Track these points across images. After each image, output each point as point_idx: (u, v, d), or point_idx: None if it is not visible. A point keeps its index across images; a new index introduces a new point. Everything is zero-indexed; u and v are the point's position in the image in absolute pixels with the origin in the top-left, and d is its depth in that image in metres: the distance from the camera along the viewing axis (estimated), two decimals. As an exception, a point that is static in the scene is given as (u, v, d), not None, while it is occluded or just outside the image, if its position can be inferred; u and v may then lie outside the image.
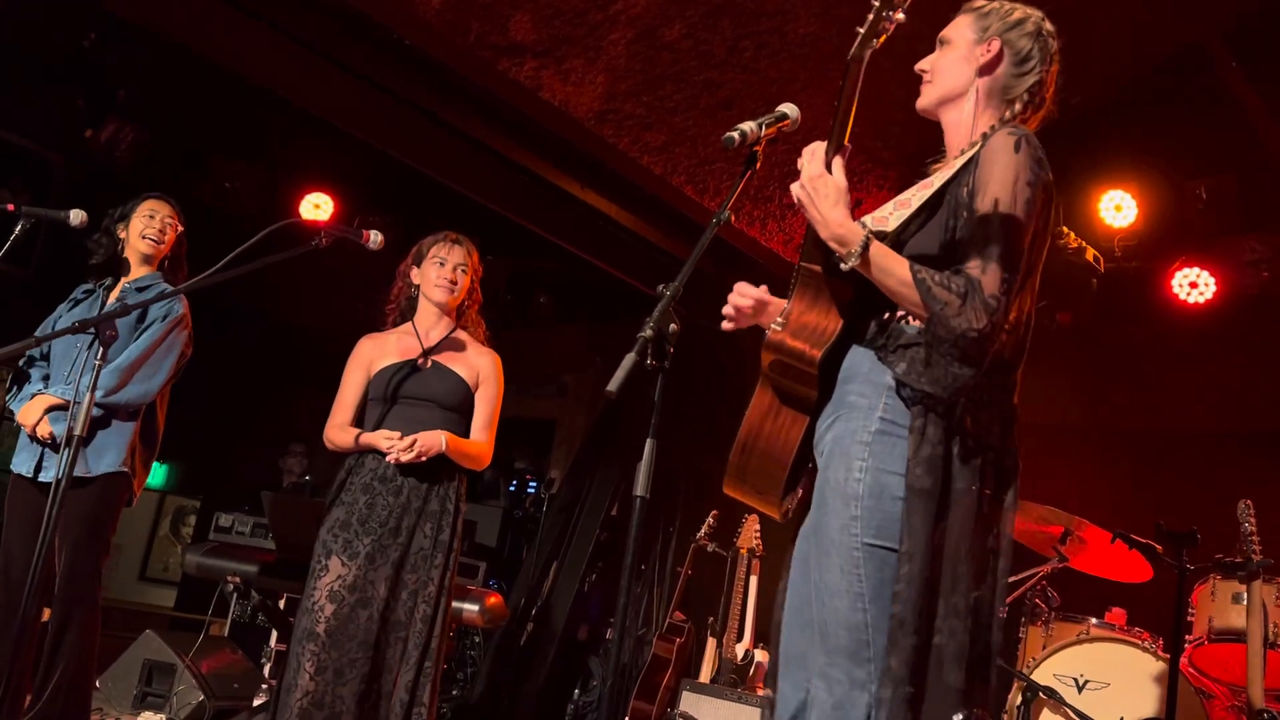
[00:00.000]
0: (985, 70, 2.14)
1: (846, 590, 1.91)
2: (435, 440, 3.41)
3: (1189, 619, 4.20)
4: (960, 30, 2.18)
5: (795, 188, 2.00)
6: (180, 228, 3.82)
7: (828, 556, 1.95)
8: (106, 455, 3.50)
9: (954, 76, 2.16)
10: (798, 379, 2.09)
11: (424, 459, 3.38)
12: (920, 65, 2.20)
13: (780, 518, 2.23)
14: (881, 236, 2.04)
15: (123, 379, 3.51)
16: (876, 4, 1.88)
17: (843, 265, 1.95)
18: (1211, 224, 5.48)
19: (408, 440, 3.37)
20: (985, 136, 2.06)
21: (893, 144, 5.37)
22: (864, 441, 1.96)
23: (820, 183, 1.98)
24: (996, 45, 2.14)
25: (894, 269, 1.95)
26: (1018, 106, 2.15)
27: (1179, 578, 3.50)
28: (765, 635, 4.67)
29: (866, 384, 2.02)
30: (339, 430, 3.53)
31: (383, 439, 3.39)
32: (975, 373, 1.90)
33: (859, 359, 2.07)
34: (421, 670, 3.32)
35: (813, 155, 2.01)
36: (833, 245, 1.97)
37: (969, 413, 1.94)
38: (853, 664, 1.89)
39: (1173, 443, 5.66)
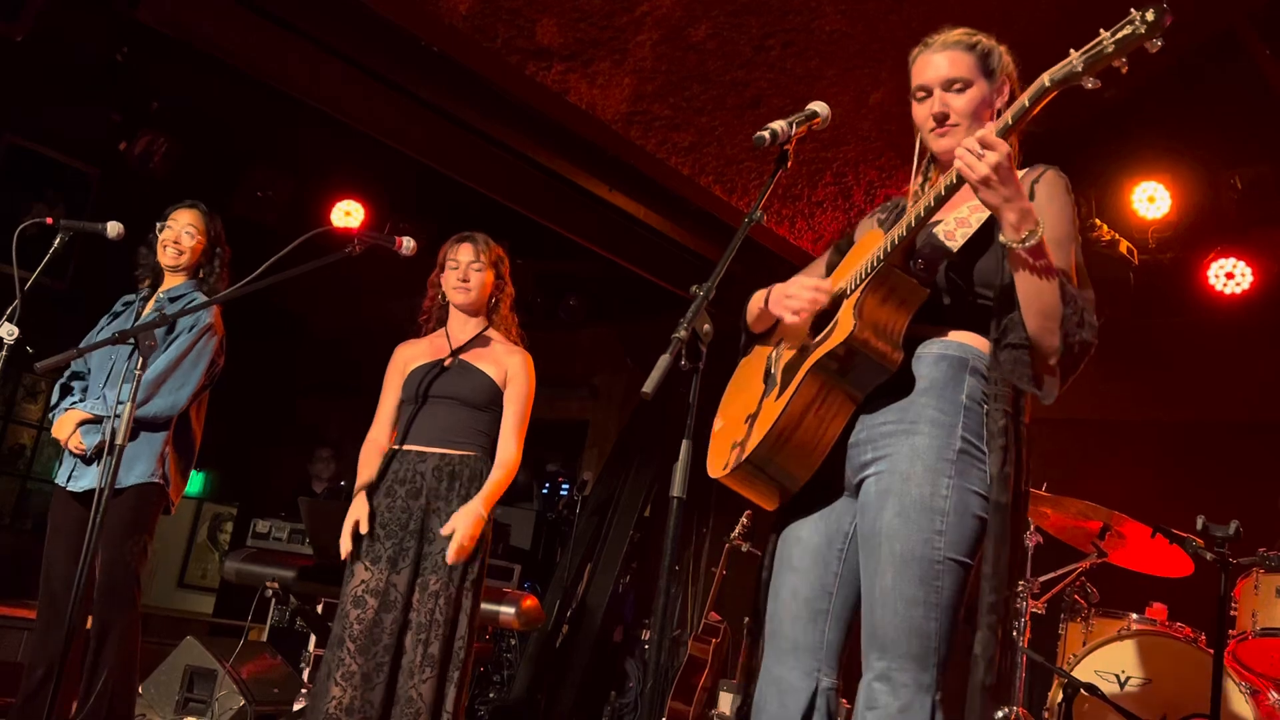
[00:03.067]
0: (1003, 108, 2.17)
1: (924, 600, 1.98)
2: (472, 521, 3.34)
3: (1231, 613, 4.14)
4: (970, 71, 2.19)
5: (983, 166, 1.90)
6: (203, 238, 3.75)
7: (906, 567, 1.99)
8: (136, 466, 3.51)
9: (982, 118, 2.17)
10: (866, 378, 2.09)
11: (474, 539, 3.34)
12: (942, 110, 2.17)
13: (774, 508, 2.27)
14: (947, 252, 2.10)
15: (150, 391, 3.51)
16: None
17: (1026, 243, 1.94)
18: (1247, 213, 5.41)
19: (453, 551, 3.32)
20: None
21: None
22: (949, 459, 2.02)
23: (1009, 162, 1.92)
24: (1008, 88, 2.22)
25: (1051, 261, 1.98)
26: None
27: (1221, 572, 3.46)
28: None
29: (944, 399, 2.07)
30: (366, 459, 3.53)
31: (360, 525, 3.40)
32: (1067, 384, 2.04)
33: (932, 368, 2.09)
34: (445, 676, 3.30)
35: (992, 136, 1.92)
36: (1018, 224, 1.94)
37: (1027, 426, 2.06)
38: (919, 669, 1.97)
39: (1211, 435, 5.59)
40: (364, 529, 3.39)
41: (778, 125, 2.13)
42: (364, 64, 4.51)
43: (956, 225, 2.12)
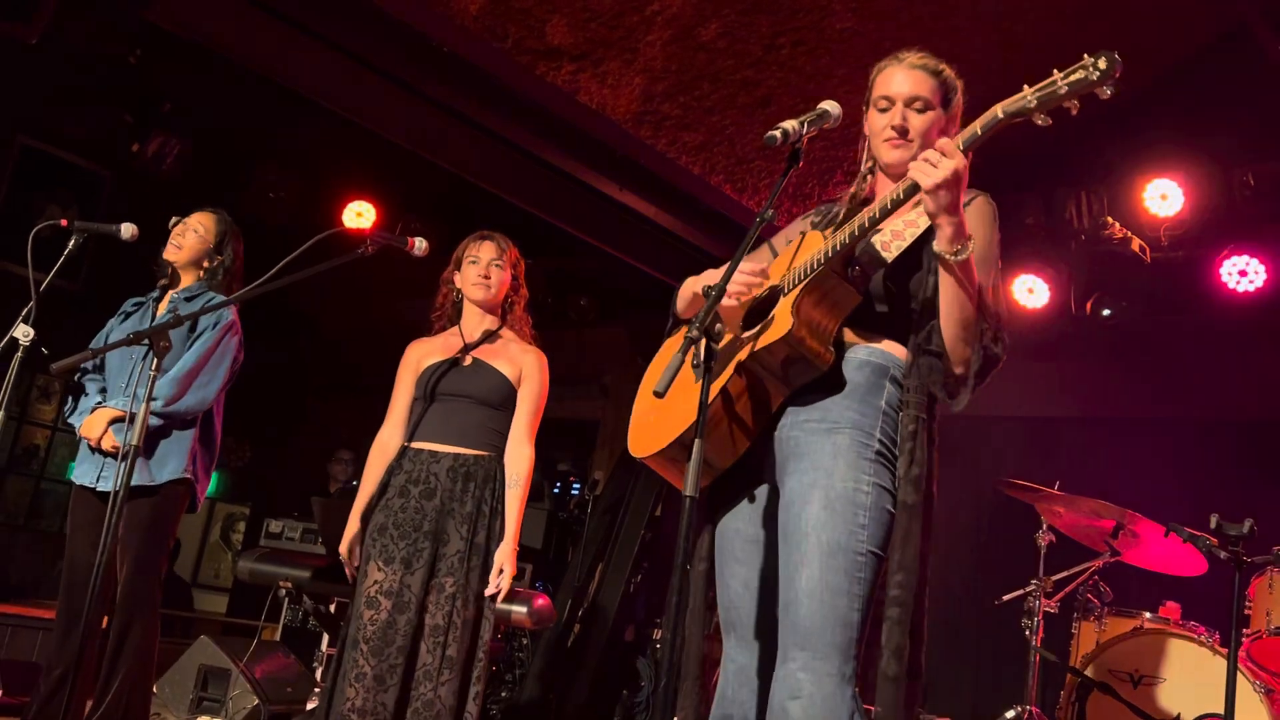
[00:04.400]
0: (945, 129, 2.27)
1: (848, 590, 2.06)
2: (511, 557, 3.41)
3: (1246, 612, 4.13)
4: (933, 95, 2.27)
5: (940, 173, 1.97)
6: (209, 237, 3.78)
7: (832, 557, 2.07)
8: (169, 463, 3.54)
9: (929, 140, 2.23)
10: (796, 375, 2.17)
11: (514, 571, 3.42)
12: (902, 124, 2.25)
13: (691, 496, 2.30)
14: (882, 262, 2.19)
15: (180, 388, 3.55)
16: None
17: (958, 256, 2.04)
18: (1261, 210, 5.38)
19: (498, 586, 3.39)
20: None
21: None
22: (868, 459, 2.13)
23: (963, 174, 2.00)
24: (957, 124, 2.30)
25: (973, 277, 2.10)
26: None
27: (1235, 571, 3.44)
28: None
29: (864, 404, 2.17)
30: (373, 462, 3.55)
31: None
32: (975, 393, 2.16)
33: (856, 373, 2.19)
34: (467, 677, 3.30)
35: (953, 148, 2.00)
36: (954, 237, 2.03)
37: (938, 432, 2.17)
38: (843, 659, 2.03)
39: (1225, 433, 5.57)
40: (354, 562, 3.47)
41: (789, 125, 2.14)
42: (375, 64, 4.52)
43: (892, 237, 2.21)
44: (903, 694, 2.05)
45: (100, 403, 3.61)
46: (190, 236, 3.77)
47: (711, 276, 2.28)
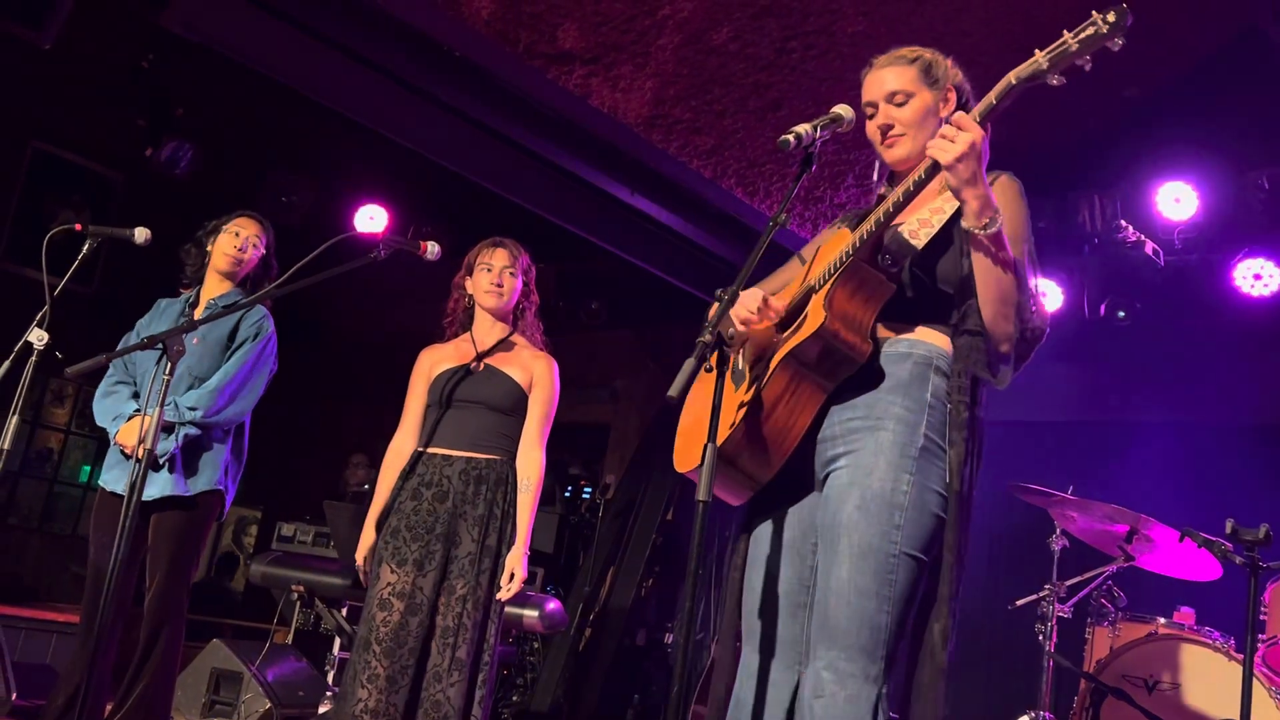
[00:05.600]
0: (949, 115, 2.26)
1: (878, 593, 2.03)
2: (522, 561, 3.42)
3: (1261, 618, 4.10)
4: (912, 83, 2.28)
5: (958, 146, 1.97)
6: (264, 249, 3.80)
7: (863, 559, 2.04)
8: (204, 474, 3.55)
9: (929, 127, 2.26)
10: (835, 370, 2.14)
11: (525, 575, 3.43)
12: (885, 122, 2.27)
13: (741, 503, 2.33)
14: (912, 249, 2.17)
15: (223, 399, 3.55)
16: None
17: (988, 230, 2.02)
18: (1275, 213, 5.35)
19: (509, 593, 3.39)
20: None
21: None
22: (912, 456, 2.08)
23: (981, 146, 1.99)
24: (954, 94, 2.30)
25: (1007, 251, 2.06)
26: None
27: (1251, 576, 3.42)
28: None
29: (909, 398, 2.13)
30: (387, 468, 3.56)
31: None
32: (1019, 370, 2.13)
33: (898, 366, 2.16)
34: (475, 680, 3.31)
35: (969, 120, 2.00)
36: (980, 210, 2.02)
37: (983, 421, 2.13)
38: (869, 661, 2.02)
39: (1240, 438, 5.54)
40: (368, 570, 3.47)
41: (803, 129, 2.14)
42: (386, 68, 4.52)
43: (919, 225, 2.20)
44: (943, 690, 2.04)
45: (138, 409, 3.60)
46: (251, 252, 3.77)
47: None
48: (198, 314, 3.72)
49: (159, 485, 3.46)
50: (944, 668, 2.03)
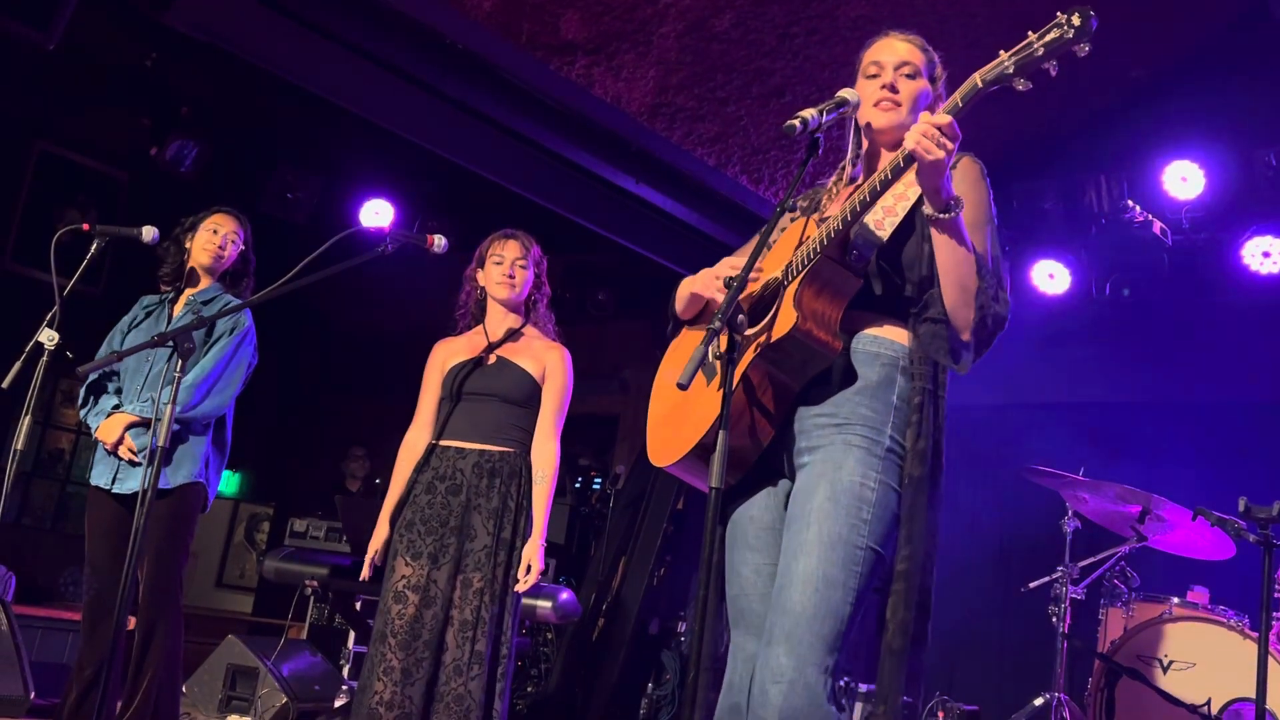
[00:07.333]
0: (932, 105, 2.29)
1: (843, 583, 2.06)
2: (538, 553, 3.42)
3: (1276, 596, 4.09)
4: (922, 65, 2.30)
5: (930, 139, 1.97)
6: (242, 244, 3.83)
7: (832, 549, 2.07)
8: (182, 467, 3.57)
9: (918, 110, 2.27)
10: (805, 367, 2.16)
11: (541, 567, 3.43)
12: (891, 82, 2.27)
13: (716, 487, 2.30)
14: (878, 241, 2.18)
15: (199, 394, 3.57)
16: None
17: (947, 215, 2.04)
18: (1284, 191, 5.33)
19: (527, 584, 3.40)
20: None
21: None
22: (878, 455, 2.13)
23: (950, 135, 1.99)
24: (943, 89, 2.33)
25: (965, 237, 2.08)
26: None
27: (1265, 554, 3.41)
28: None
29: (876, 399, 2.16)
30: (402, 461, 3.57)
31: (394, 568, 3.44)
32: (979, 356, 2.16)
33: (867, 368, 2.18)
34: (495, 673, 3.32)
35: (953, 125, 2.00)
36: (941, 199, 2.04)
37: (941, 419, 2.16)
38: (826, 651, 2.04)
39: (1251, 416, 5.52)
40: (375, 561, 3.48)
41: (809, 113, 2.13)
42: (389, 61, 4.52)
43: (884, 215, 2.20)
44: (904, 666, 2.06)
45: (118, 405, 3.62)
46: (230, 248, 3.79)
47: (709, 273, 2.31)
48: (177, 310, 3.74)
49: (137, 479, 3.48)
50: (892, 646, 2.06)
